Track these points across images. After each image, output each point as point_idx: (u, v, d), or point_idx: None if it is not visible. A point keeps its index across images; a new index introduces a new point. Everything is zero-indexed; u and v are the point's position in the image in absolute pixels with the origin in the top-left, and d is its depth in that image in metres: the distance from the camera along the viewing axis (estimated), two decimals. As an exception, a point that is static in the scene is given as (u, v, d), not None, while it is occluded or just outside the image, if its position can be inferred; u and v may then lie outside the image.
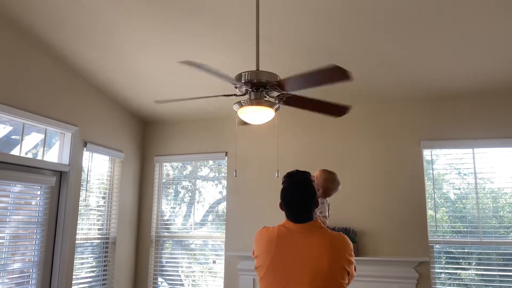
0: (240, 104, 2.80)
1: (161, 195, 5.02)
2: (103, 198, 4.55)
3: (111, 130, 4.57)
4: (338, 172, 4.30)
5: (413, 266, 3.91)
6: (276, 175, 3.23)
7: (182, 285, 4.82)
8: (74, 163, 3.96)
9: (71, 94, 3.97)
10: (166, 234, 4.93)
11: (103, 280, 4.42)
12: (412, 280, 3.90)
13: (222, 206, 4.82)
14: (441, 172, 4.19)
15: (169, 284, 4.87)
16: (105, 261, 4.46)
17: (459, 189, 4.12)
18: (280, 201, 2.12)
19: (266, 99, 2.85)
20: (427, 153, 4.17)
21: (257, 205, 4.51)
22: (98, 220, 4.47)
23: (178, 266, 4.85)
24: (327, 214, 2.79)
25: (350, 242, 2.03)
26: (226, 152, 4.75)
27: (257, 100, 2.78)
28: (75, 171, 3.97)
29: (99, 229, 4.45)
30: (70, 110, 3.95)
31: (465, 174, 4.10)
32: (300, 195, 2.07)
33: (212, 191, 4.97)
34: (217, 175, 4.96)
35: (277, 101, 2.90)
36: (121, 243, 4.62)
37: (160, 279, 4.87)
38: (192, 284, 4.80)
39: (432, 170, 4.15)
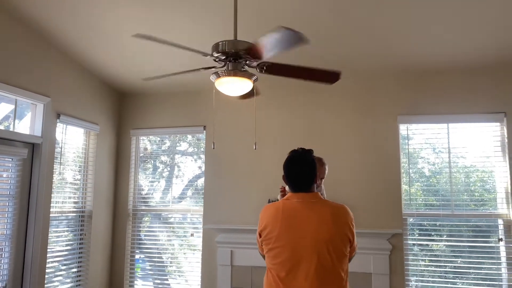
0: (217, 75, 2.74)
1: (138, 169, 4.97)
2: (79, 171, 4.47)
3: (86, 102, 4.45)
4: (315, 146, 4.34)
5: (387, 238, 4.01)
6: (254, 148, 3.23)
7: (161, 258, 4.83)
8: (46, 135, 3.85)
9: (43, 64, 3.83)
10: (143, 207, 4.90)
11: (79, 253, 4.38)
12: (385, 252, 4.00)
13: (201, 181, 4.80)
14: (417, 148, 4.26)
15: (147, 257, 4.87)
16: (81, 234, 4.42)
17: (434, 164, 4.21)
18: (283, 174, 2.26)
19: (245, 69, 2.81)
20: (403, 128, 4.22)
21: (235, 178, 4.51)
22: (74, 193, 4.40)
23: (156, 240, 4.84)
24: (325, 196, 2.81)
25: (351, 212, 2.17)
26: (205, 126, 4.70)
27: (235, 71, 2.73)
28: (48, 143, 3.87)
29: (74, 203, 4.39)
30: (42, 81, 3.82)
31: (440, 151, 4.17)
32: (302, 164, 2.21)
33: (191, 166, 4.94)
34: (196, 150, 4.92)
35: (258, 71, 2.86)
36: (97, 217, 4.57)
37: (138, 256, 4.87)
38: (171, 258, 4.82)
39: (407, 146, 4.21)
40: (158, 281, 4.78)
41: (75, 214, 4.37)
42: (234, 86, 2.80)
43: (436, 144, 4.18)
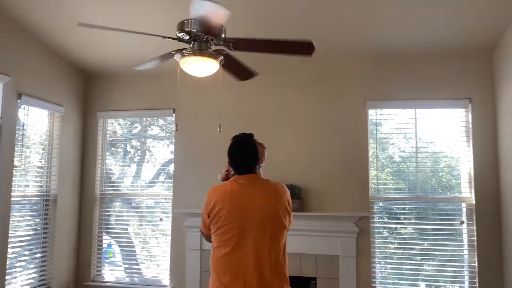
0: (182, 54, 2.68)
1: (105, 152, 4.85)
2: (43, 154, 4.33)
3: (50, 83, 4.29)
4: (283, 130, 4.34)
5: (354, 221, 4.06)
6: (218, 130, 3.19)
7: (131, 243, 4.76)
8: (7, 116, 3.70)
9: (2, 42, 3.65)
10: (111, 192, 4.80)
11: (43, 238, 4.28)
12: (352, 234, 4.05)
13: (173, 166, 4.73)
14: (387, 134, 4.30)
15: (117, 242, 4.80)
16: (45, 219, 4.30)
17: (404, 151, 4.26)
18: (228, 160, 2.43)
19: (211, 48, 2.75)
20: (372, 113, 4.25)
21: (204, 162, 4.47)
22: (38, 177, 4.26)
23: (125, 225, 4.77)
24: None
25: (288, 190, 2.42)
26: (174, 109, 4.62)
27: (200, 51, 2.67)
28: (8, 124, 3.72)
29: (38, 186, 4.26)
30: (1, 59, 3.65)
31: (410, 138, 4.22)
32: (245, 148, 2.40)
33: (163, 151, 4.85)
34: (168, 134, 4.83)
35: (225, 47, 2.79)
36: (62, 201, 4.46)
37: (106, 241, 4.79)
38: (140, 243, 4.76)
39: (376, 131, 4.25)
40: (127, 266, 4.72)
41: (39, 198, 4.25)
42: (199, 66, 2.74)
43: (405, 130, 4.23)
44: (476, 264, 3.86)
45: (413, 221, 4.14)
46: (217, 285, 2.29)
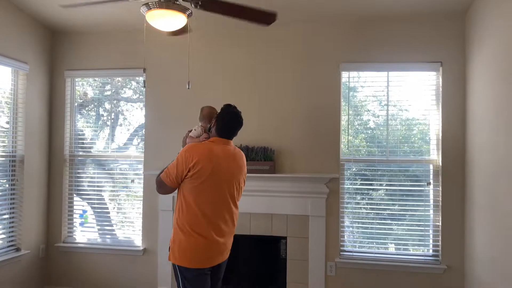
0: (148, 7, 2.58)
1: (74, 113, 4.72)
2: (8, 114, 4.18)
3: (12, 39, 4.09)
4: (256, 91, 4.30)
5: (325, 182, 4.12)
6: (187, 87, 3.14)
7: (104, 204, 4.73)
8: (-34, 72, 3.53)
9: (-44, -9, 3.43)
10: (81, 153, 4.71)
11: (11, 199, 4.20)
12: (322, 195, 4.12)
13: (144, 127, 4.64)
14: (360, 98, 4.31)
15: (89, 204, 4.75)
16: (12, 180, 4.21)
17: (375, 115, 4.29)
18: (214, 120, 2.79)
19: (178, 2, 2.65)
20: (345, 75, 4.24)
21: (175, 122, 4.41)
22: (2, 137, 4.13)
23: (97, 187, 4.72)
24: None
25: None
26: (144, 69, 4.50)
27: (167, 3, 2.58)
28: (-32, 81, 3.56)
29: (3, 147, 4.14)
30: (-43, 10, 3.44)
31: (382, 101, 4.25)
32: (239, 119, 2.79)
33: (137, 114, 4.74)
34: (141, 97, 4.70)
35: (192, 5, 2.71)
36: (30, 162, 4.35)
37: (78, 203, 4.73)
38: (112, 205, 4.73)
39: (349, 95, 4.26)
40: (99, 227, 4.71)
41: (4, 159, 4.14)
42: (166, 20, 2.65)
43: (377, 93, 4.25)
44: (440, 224, 4.00)
45: (382, 183, 4.23)
46: (188, 234, 2.59)
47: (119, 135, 4.78)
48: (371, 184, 4.25)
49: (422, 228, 4.13)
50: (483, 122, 3.51)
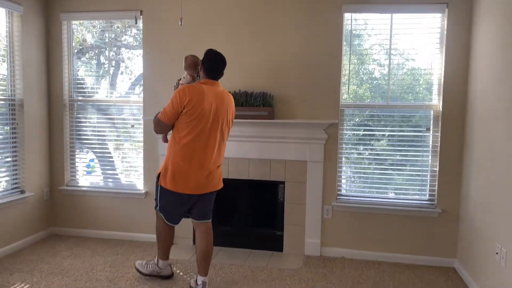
0: None
1: (72, 57, 4.66)
2: (3, 57, 4.14)
3: (4, -22, 3.97)
4: (254, 35, 4.20)
5: (323, 128, 4.11)
6: (180, 23, 3.13)
7: (106, 149, 4.78)
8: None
9: None
10: (80, 98, 4.70)
11: (12, 143, 4.25)
12: (321, 141, 4.13)
13: (141, 71, 4.58)
14: (362, 43, 4.20)
15: (91, 149, 4.81)
16: (13, 123, 4.24)
17: (383, 66, 4.19)
18: (201, 64, 3.15)
19: None
20: (347, 17, 4.11)
21: (173, 67, 4.34)
22: (1, 80, 4.12)
23: (98, 132, 4.75)
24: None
25: None
26: (141, 11, 4.38)
27: None
28: (-40, 21, 3.49)
29: (2, 91, 4.14)
30: None
31: (388, 53, 4.13)
32: (223, 61, 3.16)
33: (138, 62, 4.64)
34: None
35: None
36: (29, 106, 4.36)
37: (80, 148, 4.79)
38: (114, 149, 4.78)
39: (350, 40, 4.14)
40: (102, 171, 4.79)
41: (3, 102, 4.14)
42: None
43: (380, 41, 4.12)
44: (437, 168, 4.02)
45: (381, 128, 4.21)
46: (178, 163, 2.98)
47: (120, 84, 4.74)
48: (367, 127, 4.23)
49: (420, 173, 4.15)
50: (487, 68, 3.42)
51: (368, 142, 4.24)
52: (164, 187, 3.09)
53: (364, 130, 4.24)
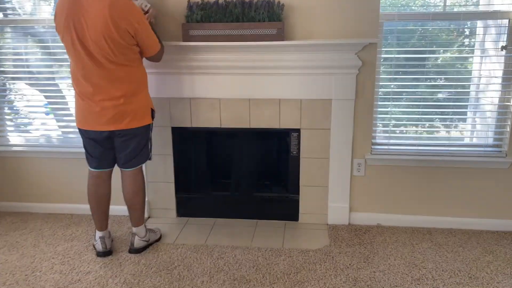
0: None
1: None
2: None
3: None
4: None
5: (356, 51, 2.86)
6: None
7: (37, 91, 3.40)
8: None
9: None
10: (-5, 18, 3.21)
11: None
12: (352, 70, 2.90)
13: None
14: None
15: (18, 90, 3.42)
16: None
17: None
18: None
19: None
20: None
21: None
22: None
23: (25, 64, 3.32)
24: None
25: (138, 7, 2.40)
26: None
27: None
28: None
29: None
30: None
31: None
32: None
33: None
34: None
35: None
36: None
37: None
38: (49, 85, 3.40)
39: None
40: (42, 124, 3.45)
41: None
42: None
43: None
44: (511, 103, 2.93)
45: (434, 47, 3.00)
46: (75, 94, 2.52)
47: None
48: (413, 46, 3.02)
49: (480, 109, 3.06)
50: None
51: (414, 67, 3.05)
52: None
53: (413, 50, 3.02)
